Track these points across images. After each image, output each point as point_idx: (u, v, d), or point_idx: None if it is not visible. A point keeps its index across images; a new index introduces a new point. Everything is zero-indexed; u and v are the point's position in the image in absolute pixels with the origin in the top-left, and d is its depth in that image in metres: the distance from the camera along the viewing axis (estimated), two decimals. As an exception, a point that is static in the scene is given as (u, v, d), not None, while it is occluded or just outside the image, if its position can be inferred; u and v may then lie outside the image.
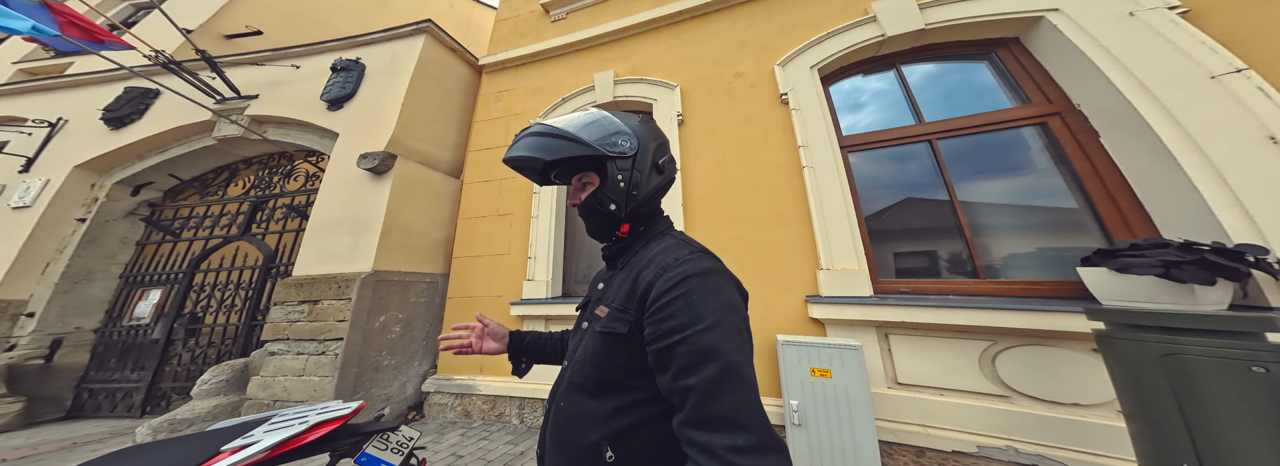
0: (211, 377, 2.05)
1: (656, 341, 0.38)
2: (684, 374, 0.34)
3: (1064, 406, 1.19)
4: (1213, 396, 0.78)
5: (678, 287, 0.38)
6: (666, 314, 0.37)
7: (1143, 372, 0.87)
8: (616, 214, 0.48)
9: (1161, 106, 1.26)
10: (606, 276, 0.55)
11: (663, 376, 0.37)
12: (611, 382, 0.42)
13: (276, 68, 2.96)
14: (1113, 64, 1.38)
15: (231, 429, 0.80)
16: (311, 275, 2.20)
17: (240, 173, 3.30)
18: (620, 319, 0.42)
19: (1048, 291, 1.36)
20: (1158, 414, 0.84)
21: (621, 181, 0.47)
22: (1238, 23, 1.28)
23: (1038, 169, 1.55)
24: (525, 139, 0.46)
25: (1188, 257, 0.96)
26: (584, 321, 0.51)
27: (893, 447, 1.35)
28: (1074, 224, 1.44)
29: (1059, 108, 1.56)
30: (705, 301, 0.37)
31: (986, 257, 1.52)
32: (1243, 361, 0.78)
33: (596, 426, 0.41)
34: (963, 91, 1.84)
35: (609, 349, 0.42)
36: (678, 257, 0.42)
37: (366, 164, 2.31)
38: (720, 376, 0.33)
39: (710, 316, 0.36)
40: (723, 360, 0.34)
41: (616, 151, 0.46)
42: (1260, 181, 1.09)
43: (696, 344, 0.35)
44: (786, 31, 2.20)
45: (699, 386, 0.33)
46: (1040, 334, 1.23)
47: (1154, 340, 0.87)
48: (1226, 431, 0.76)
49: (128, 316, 2.86)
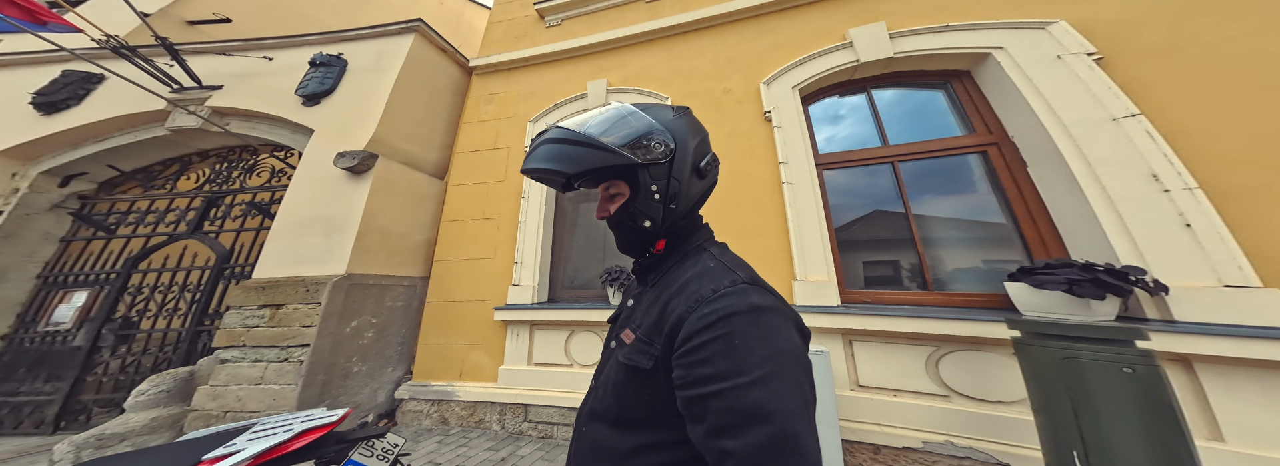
0: (150, 388, 1.94)
1: (688, 388, 0.32)
2: (720, 434, 0.29)
3: (991, 404, 1.39)
4: (1095, 393, 0.97)
5: (716, 328, 0.32)
6: (700, 358, 0.31)
7: (1046, 374, 1.06)
8: (651, 230, 0.42)
9: (1074, 143, 1.53)
10: (636, 292, 0.50)
11: (696, 428, 0.31)
12: (633, 419, 0.37)
13: (247, 59, 2.88)
14: (1041, 102, 1.65)
15: (208, 438, 0.81)
16: (276, 277, 2.14)
17: (194, 166, 3.14)
18: (644, 352, 0.37)
19: (982, 303, 1.58)
20: (1056, 409, 1.02)
21: (656, 192, 0.41)
22: (1137, 71, 1.57)
23: (979, 192, 1.80)
24: (543, 147, 0.40)
25: (1086, 276, 1.18)
26: (612, 340, 0.47)
27: (853, 446, 1.50)
28: (1002, 238, 1.69)
29: (997, 138, 1.83)
30: (751, 349, 0.30)
31: (935, 271, 1.75)
32: (1117, 363, 0.97)
33: (614, 462, 0.37)
34: (922, 117, 2.09)
35: (632, 384, 0.37)
36: (716, 288, 0.35)
37: (345, 163, 2.29)
38: (769, 447, 0.27)
39: (758, 368, 0.29)
40: (774, 425, 0.27)
41: (650, 157, 0.40)
42: (1143, 212, 1.34)
43: (739, 401, 0.28)
44: (773, 51, 2.39)
45: (739, 454, 0.27)
46: (974, 340, 1.43)
47: (1056, 346, 1.06)
48: (1103, 423, 0.95)
49: (44, 321, 2.62)
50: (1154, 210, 1.33)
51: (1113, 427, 0.94)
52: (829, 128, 2.29)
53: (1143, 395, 0.94)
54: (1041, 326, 1.11)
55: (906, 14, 2.13)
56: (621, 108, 0.43)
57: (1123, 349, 0.99)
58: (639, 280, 0.50)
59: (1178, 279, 1.23)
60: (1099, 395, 0.97)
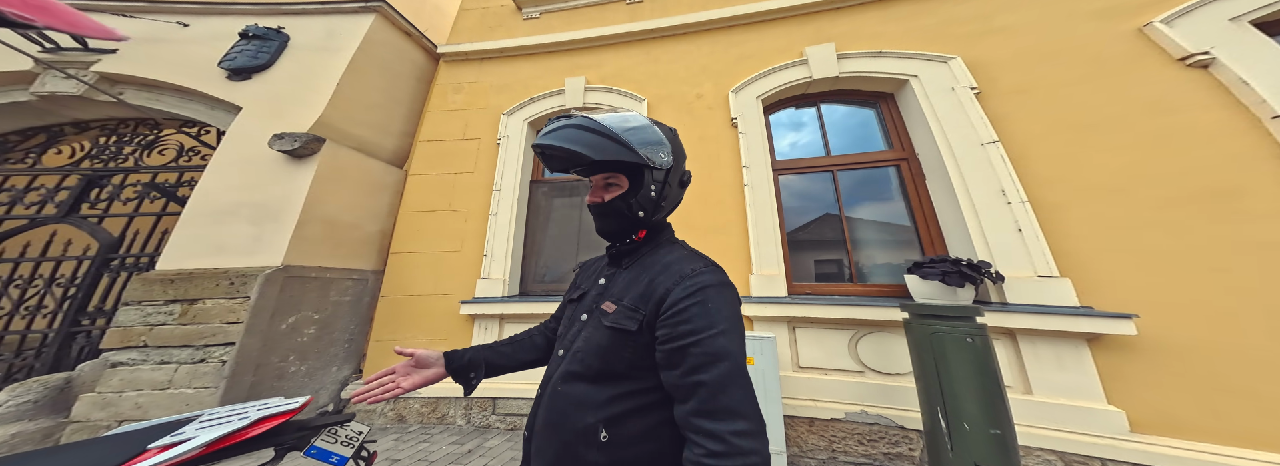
0: (10, 398, 1.69)
1: (670, 341, 0.44)
2: (696, 371, 0.42)
3: (891, 376, 1.75)
4: (950, 361, 1.30)
5: (695, 296, 0.45)
6: (683, 318, 0.44)
7: (922, 347, 1.40)
8: (642, 220, 0.54)
9: (956, 162, 1.98)
10: (608, 273, 0.59)
11: (672, 372, 0.44)
12: (614, 373, 0.48)
13: (153, 22, 2.59)
14: (937, 125, 2.09)
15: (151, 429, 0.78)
16: (188, 269, 1.98)
17: (67, 138, 2.72)
18: (630, 317, 0.48)
19: (891, 292, 1.98)
20: (927, 375, 1.36)
21: (653, 192, 0.52)
22: (1001, 105, 2.05)
23: (895, 200, 2.24)
24: (567, 129, 0.49)
25: (954, 269, 1.58)
26: (583, 313, 0.56)
27: (794, 420, 1.79)
28: (912, 242, 2.12)
29: (907, 154, 2.28)
30: (719, 310, 0.45)
31: (862, 265, 2.14)
32: (963, 336, 1.32)
33: (594, 410, 0.46)
34: (859, 131, 2.51)
35: (617, 343, 0.48)
36: (695, 268, 0.49)
37: (283, 145, 2.17)
38: (728, 375, 0.41)
39: (722, 323, 0.43)
40: (731, 361, 0.42)
41: (657, 163, 0.51)
42: (993, 219, 1.80)
43: (709, 346, 0.42)
44: (741, 62, 2.67)
45: (710, 382, 0.41)
46: (881, 323, 1.80)
47: (929, 324, 1.40)
48: (954, 384, 1.28)
49: None
50: (1000, 217, 1.79)
51: (959, 386, 1.26)
52: (791, 134, 2.63)
53: (978, 359, 1.28)
54: (920, 308, 1.46)
55: (852, 37, 2.53)
56: (643, 118, 0.53)
57: (968, 324, 1.35)
58: (613, 263, 0.61)
59: (1010, 270, 1.68)
60: (952, 361, 1.29)
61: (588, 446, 0.46)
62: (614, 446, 0.45)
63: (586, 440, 0.46)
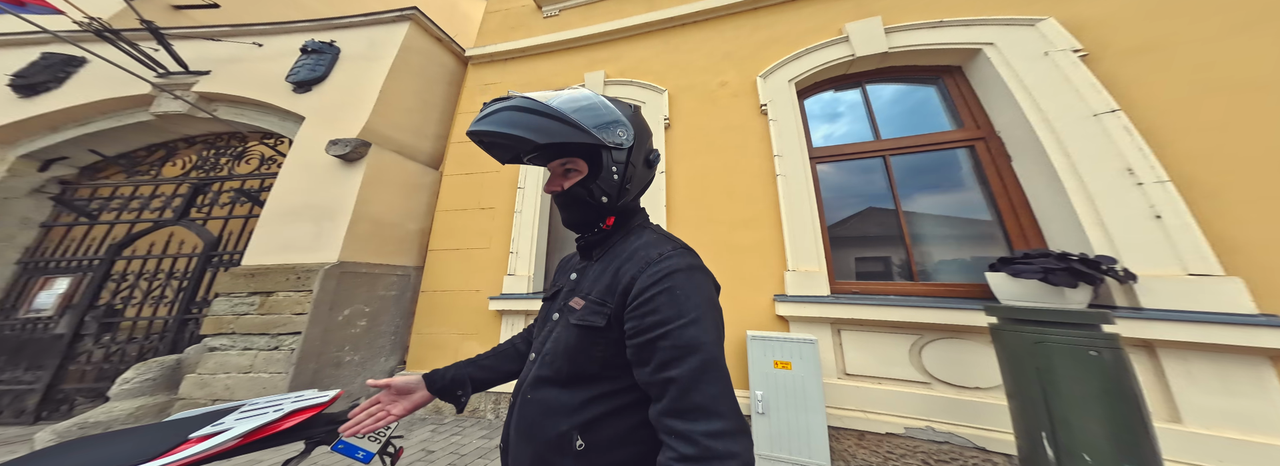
0: (136, 376, 1.93)
1: (639, 335, 0.39)
2: (666, 367, 0.37)
3: (969, 390, 1.45)
4: (1062, 376, 1.03)
5: (661, 283, 0.40)
6: (650, 309, 0.39)
7: (1020, 358, 1.12)
8: (608, 206, 0.48)
9: (1056, 137, 1.59)
10: (579, 267, 0.54)
11: (643, 369, 0.39)
12: (585, 375, 0.43)
13: (235, 44, 2.85)
14: (1026, 97, 1.71)
15: (196, 418, 0.80)
16: (265, 265, 2.14)
17: (180, 152, 3.10)
18: (598, 312, 0.43)
19: (965, 292, 1.65)
20: (1027, 392, 1.08)
21: (616, 173, 0.46)
22: (1119, 68, 1.62)
23: (966, 186, 1.86)
24: (504, 112, 0.42)
25: (1061, 265, 1.24)
26: (554, 313, 0.51)
27: (839, 432, 1.56)
28: (988, 235, 1.75)
29: (985, 133, 1.89)
30: (688, 297, 0.39)
31: (922, 263, 1.81)
32: (1084, 347, 1.03)
33: (567, 416, 0.42)
34: (916, 112, 2.15)
35: (585, 341, 0.43)
36: (661, 253, 0.43)
37: (337, 150, 2.29)
38: (700, 368, 0.36)
39: (692, 311, 0.38)
40: (703, 353, 0.37)
41: (614, 142, 0.45)
42: (1117, 205, 1.41)
43: (679, 338, 0.37)
44: (768, 46, 2.42)
45: (680, 378, 0.36)
46: (954, 328, 1.49)
47: (1030, 331, 1.12)
48: (1068, 405, 1.00)
49: (24, 308, 2.59)
50: (1127, 202, 1.40)
51: (1077, 409, 0.99)
52: (825, 125, 2.34)
53: (1106, 377, 0.99)
54: (1017, 313, 1.16)
55: (902, 9, 2.17)
56: (590, 94, 0.47)
57: (1089, 333, 1.05)
58: (583, 255, 0.54)
59: (1146, 268, 1.30)
60: (1065, 378, 1.02)
61: (563, 455, 0.41)
62: (592, 453, 0.41)
63: (561, 449, 0.41)
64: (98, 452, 0.63)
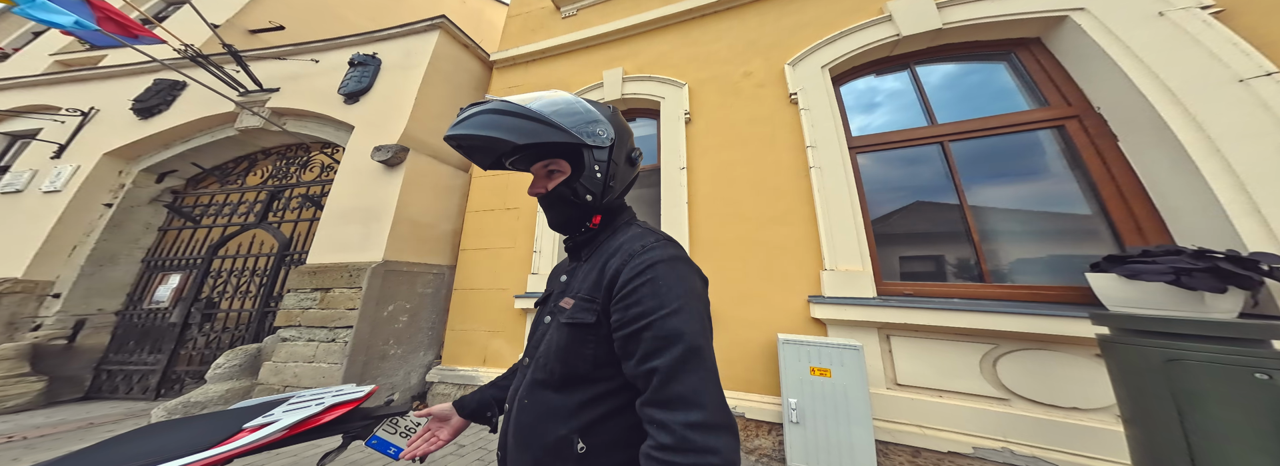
0: (226, 362, 2.16)
1: (624, 327, 0.38)
2: (649, 357, 0.36)
3: (1063, 410, 1.19)
4: (1213, 403, 0.79)
5: (644, 274, 0.39)
6: (634, 300, 0.38)
7: (1144, 378, 0.88)
8: (593, 204, 0.47)
9: (1184, 110, 1.25)
10: (569, 268, 0.53)
11: (628, 362, 0.38)
12: (578, 375, 0.41)
13: (297, 62, 3.09)
14: (1136, 65, 1.37)
15: (253, 407, 0.83)
16: (324, 263, 2.30)
17: (259, 163, 3.45)
18: (587, 309, 0.42)
19: (1054, 296, 1.36)
20: (1156, 419, 0.85)
21: (599, 171, 0.46)
22: (1272, 23, 1.26)
23: (1052, 173, 1.55)
24: (482, 116, 0.41)
25: (1200, 265, 0.96)
26: (546, 316, 0.50)
27: (889, 447, 1.37)
28: (1085, 230, 1.44)
29: (1078, 110, 1.55)
30: (670, 287, 0.38)
31: (994, 262, 1.53)
32: (1246, 368, 0.78)
33: (565, 420, 0.40)
34: (979, 93, 1.84)
35: (576, 340, 0.42)
36: (644, 245, 0.43)
37: (380, 156, 2.40)
38: (682, 358, 0.35)
39: (675, 302, 0.38)
40: (686, 343, 0.36)
41: (596, 141, 0.45)
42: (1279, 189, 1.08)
43: (661, 328, 0.36)
44: (797, 31, 2.22)
45: (663, 368, 0.35)
46: (1043, 338, 1.23)
47: (1157, 346, 0.87)
48: (1225, 438, 0.77)
49: (148, 300, 3.01)
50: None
51: (1235, 443, 0.75)
52: (862, 115, 2.08)
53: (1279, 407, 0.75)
54: (1139, 322, 0.92)
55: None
56: (566, 96, 0.46)
57: (1253, 350, 0.80)
58: (572, 256, 0.53)
59: None
60: (1216, 405, 0.79)
61: (564, 460, 0.39)
62: (593, 456, 0.39)
63: (561, 454, 0.40)
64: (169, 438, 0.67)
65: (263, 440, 0.66)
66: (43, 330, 2.69)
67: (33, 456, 1.68)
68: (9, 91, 3.73)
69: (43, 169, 3.19)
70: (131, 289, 3.09)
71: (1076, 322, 1.16)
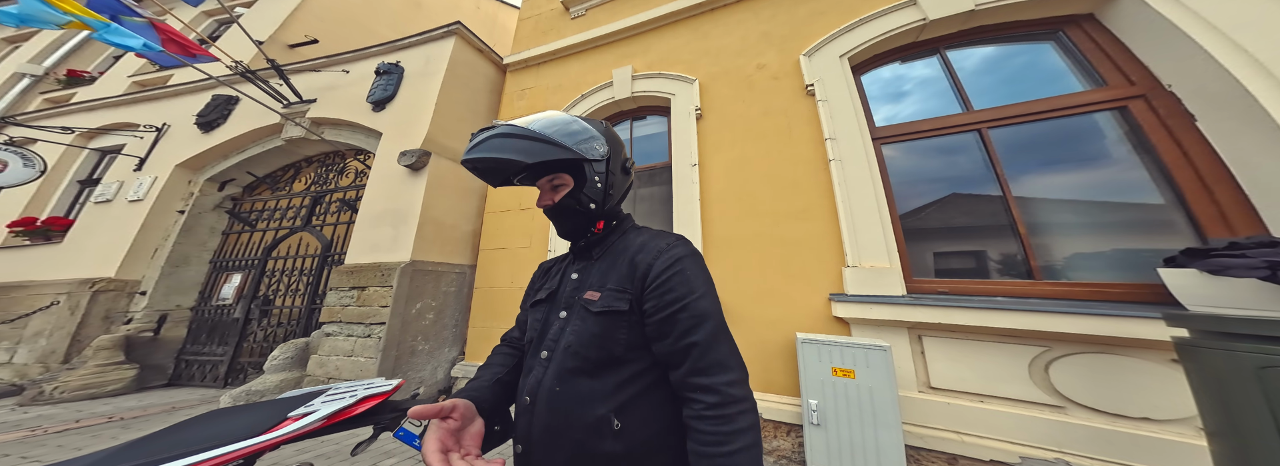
0: (279, 354, 2.31)
1: (660, 311, 0.44)
2: (687, 333, 0.42)
3: (1131, 420, 1.05)
4: None
5: (674, 266, 0.46)
6: (667, 287, 0.45)
7: (1233, 387, 0.75)
8: (595, 212, 0.52)
9: (1278, 83, 1.06)
10: (578, 267, 0.56)
11: (664, 341, 0.44)
12: (613, 359, 0.45)
13: (330, 73, 3.24)
14: (1217, 38, 1.17)
15: (297, 398, 0.87)
16: (360, 263, 2.41)
17: (303, 170, 3.67)
18: (619, 298, 0.46)
19: (1119, 295, 1.19)
20: (1249, 433, 0.72)
21: (599, 182, 0.51)
22: None
23: (1113, 159, 1.36)
24: (494, 139, 0.45)
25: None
26: (561, 310, 0.51)
27: (921, 452, 1.27)
28: (1156, 220, 1.25)
29: (1144, 89, 1.35)
30: (696, 276, 0.46)
31: (1044, 257, 1.36)
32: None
33: (602, 401, 0.43)
34: (1023, 76, 1.64)
35: (610, 326, 0.46)
36: (669, 243, 0.49)
37: (406, 161, 2.48)
38: (714, 332, 0.42)
39: (701, 287, 0.45)
40: (715, 320, 0.43)
41: (593, 155, 0.50)
42: None
43: (695, 309, 0.43)
44: (813, 20, 2.10)
45: (701, 341, 0.42)
46: (1106, 341, 1.08)
47: (1249, 350, 0.74)
48: None
49: (215, 297, 3.29)
50: None
51: None
52: (887, 106, 1.92)
53: None
54: (1228, 324, 0.78)
55: None
56: (561, 115, 0.51)
57: None
58: (580, 257, 0.57)
59: None
60: None
61: (602, 438, 0.42)
62: (628, 432, 0.43)
63: (599, 432, 0.43)
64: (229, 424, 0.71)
65: (304, 429, 0.69)
66: (133, 323, 2.99)
67: (128, 434, 1.87)
68: (97, 111, 4.15)
69: (127, 180, 3.54)
70: (202, 287, 3.39)
71: (1147, 324, 1.01)
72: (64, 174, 3.95)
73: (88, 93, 4.73)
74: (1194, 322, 0.83)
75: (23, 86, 5.08)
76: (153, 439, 0.61)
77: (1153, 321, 1.00)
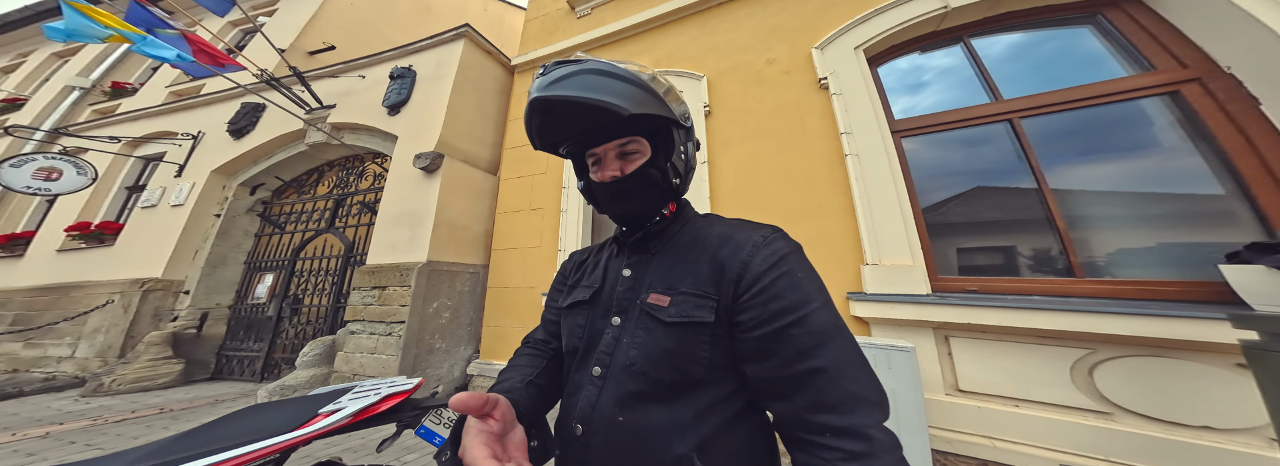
0: (309, 351, 2.38)
1: (763, 325, 0.33)
2: (805, 356, 0.31)
3: (1191, 429, 0.95)
4: None
5: (779, 266, 0.34)
6: (773, 294, 0.33)
7: None
8: (678, 188, 0.41)
9: None
10: (630, 261, 0.44)
11: (767, 363, 0.32)
12: (691, 381, 0.35)
13: (347, 79, 3.30)
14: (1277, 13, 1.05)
15: (326, 395, 0.89)
16: (381, 264, 2.45)
17: (326, 174, 3.76)
18: (702, 305, 0.35)
19: (1173, 293, 1.09)
20: None
21: (683, 153, 0.41)
22: None
23: (1164, 147, 1.24)
24: (582, 75, 0.33)
25: None
26: (614, 316, 0.41)
27: (949, 457, 1.20)
28: (1215, 212, 1.13)
29: (1198, 72, 1.22)
30: (811, 279, 0.34)
31: (1085, 253, 1.25)
32: None
33: (681, 437, 0.33)
34: (1057, 63, 1.52)
35: (688, 341, 0.35)
36: (764, 235, 0.37)
37: (420, 163, 2.50)
38: (847, 356, 0.31)
39: (818, 296, 0.33)
40: (844, 338, 0.31)
41: (688, 121, 0.40)
42: None
43: (814, 323, 0.31)
44: (825, 12, 2.00)
45: (829, 367, 0.30)
46: (1160, 343, 0.99)
47: None
48: None
49: (250, 296, 3.42)
50: None
51: None
52: (906, 97, 1.82)
53: None
54: None
55: None
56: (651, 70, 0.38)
57: None
58: (636, 249, 0.44)
59: None
60: None
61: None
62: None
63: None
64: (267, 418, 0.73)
65: (334, 425, 0.70)
66: (179, 321, 3.15)
67: (178, 425, 1.97)
68: (140, 121, 4.35)
69: (169, 186, 3.71)
70: (238, 286, 3.53)
71: (1209, 325, 0.91)
72: (113, 181, 4.17)
73: (131, 103, 4.97)
74: (1264, 324, 0.74)
75: (73, 99, 5.39)
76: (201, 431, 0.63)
77: (1215, 322, 0.90)
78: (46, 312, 3.39)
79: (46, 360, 3.19)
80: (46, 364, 3.19)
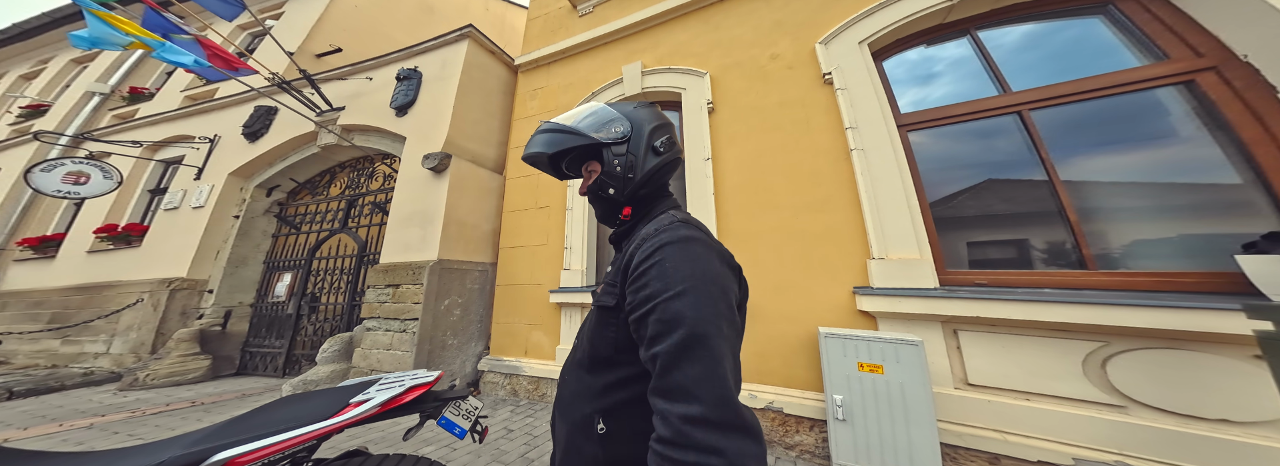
0: (328, 347, 2.44)
1: (634, 311, 0.36)
2: (654, 341, 0.33)
3: (1206, 422, 0.93)
4: None
5: (653, 256, 0.37)
6: (642, 282, 0.36)
7: None
8: (616, 197, 0.49)
9: None
10: (615, 258, 0.53)
11: (641, 348, 0.36)
12: (603, 358, 0.41)
13: (355, 81, 3.32)
14: None
15: (354, 386, 0.93)
16: (393, 263, 2.49)
17: (337, 175, 3.81)
18: (609, 293, 0.42)
19: (1188, 285, 1.06)
20: None
21: (618, 166, 0.47)
22: None
23: (1179, 137, 1.20)
24: (537, 137, 0.48)
25: None
26: None
27: (959, 451, 1.19)
28: (1232, 202, 1.10)
29: (1214, 61, 1.18)
30: (677, 268, 0.35)
31: (1099, 245, 1.23)
32: None
33: (591, 400, 0.41)
34: (1067, 54, 1.48)
35: (601, 323, 0.42)
36: (659, 228, 0.41)
37: (429, 163, 2.52)
38: (683, 344, 0.31)
39: (680, 284, 0.34)
40: (687, 328, 0.31)
41: (611, 138, 0.47)
42: None
43: (664, 312, 0.33)
44: (829, 7, 1.97)
45: (663, 354, 0.31)
46: (1174, 335, 0.97)
47: None
48: None
49: (270, 294, 3.49)
50: None
51: None
52: (914, 90, 1.79)
53: None
54: None
55: None
56: (595, 104, 0.51)
57: None
58: (616, 248, 0.52)
59: None
60: None
61: (586, 438, 0.40)
62: (611, 440, 0.38)
63: (585, 431, 0.40)
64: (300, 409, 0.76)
65: (365, 413, 0.75)
66: (205, 319, 3.23)
67: (210, 416, 2.03)
68: (158, 125, 4.43)
69: (189, 189, 3.78)
70: (258, 285, 3.60)
71: (1225, 316, 0.89)
72: (136, 184, 4.26)
73: (148, 108, 5.04)
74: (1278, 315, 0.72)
75: (93, 104, 5.49)
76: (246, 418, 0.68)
77: (1231, 313, 0.88)
78: (82, 311, 3.51)
79: (84, 356, 3.31)
80: (83, 359, 3.30)
